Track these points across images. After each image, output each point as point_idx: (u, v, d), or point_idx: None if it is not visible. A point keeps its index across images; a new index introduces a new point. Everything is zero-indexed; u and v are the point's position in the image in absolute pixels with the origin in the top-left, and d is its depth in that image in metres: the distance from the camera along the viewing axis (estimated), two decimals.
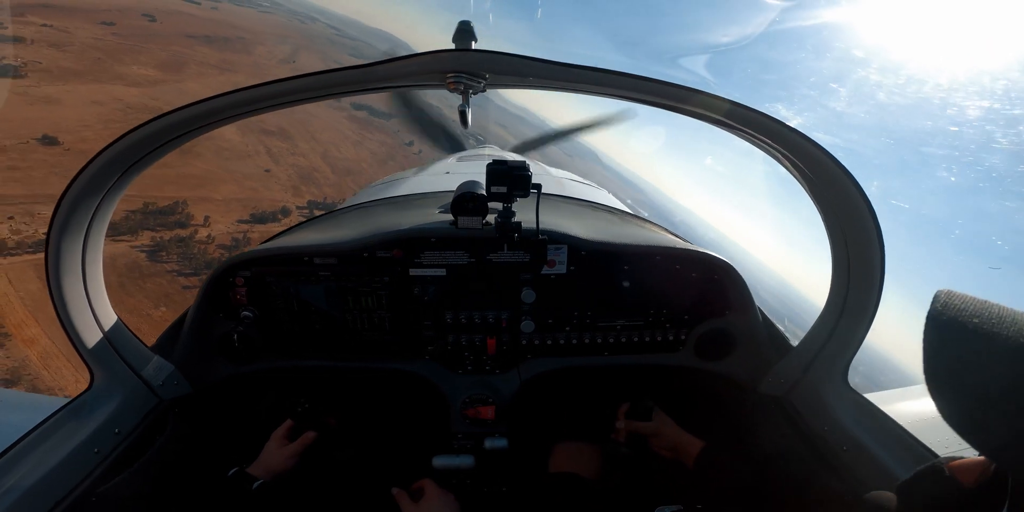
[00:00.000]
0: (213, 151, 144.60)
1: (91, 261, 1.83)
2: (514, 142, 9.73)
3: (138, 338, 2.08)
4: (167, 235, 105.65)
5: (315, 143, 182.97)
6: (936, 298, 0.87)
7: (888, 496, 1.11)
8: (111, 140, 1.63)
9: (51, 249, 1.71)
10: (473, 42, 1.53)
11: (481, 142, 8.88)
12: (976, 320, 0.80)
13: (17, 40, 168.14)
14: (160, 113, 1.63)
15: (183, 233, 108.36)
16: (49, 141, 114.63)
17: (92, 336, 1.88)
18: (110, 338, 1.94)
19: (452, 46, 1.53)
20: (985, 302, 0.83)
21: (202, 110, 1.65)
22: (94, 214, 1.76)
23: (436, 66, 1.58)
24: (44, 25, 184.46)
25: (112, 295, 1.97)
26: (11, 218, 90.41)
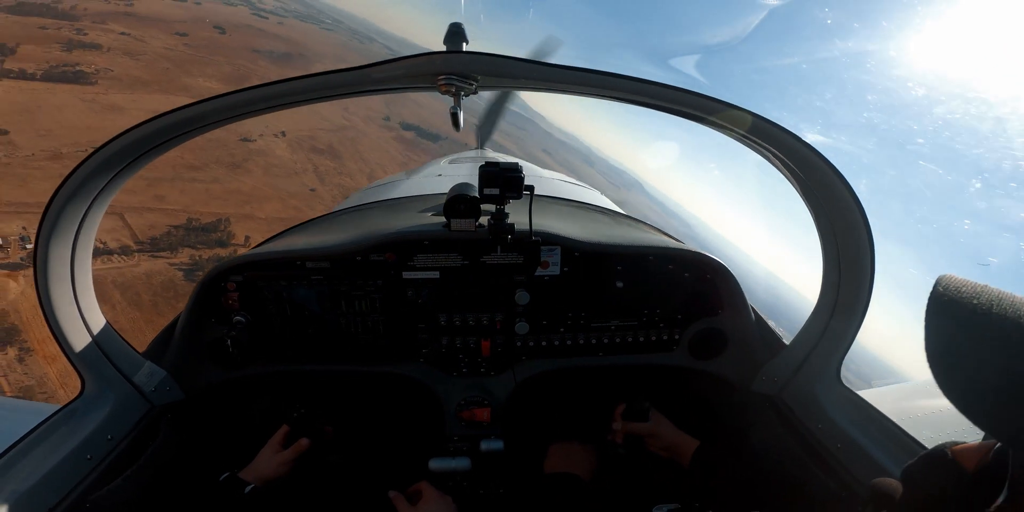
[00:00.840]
0: (263, 167, 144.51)
1: (80, 267, 1.83)
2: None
3: (129, 344, 2.07)
4: (207, 254, 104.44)
5: (362, 163, 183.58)
6: (938, 282, 0.89)
7: (893, 483, 1.08)
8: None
9: (39, 255, 1.70)
10: (464, 44, 1.53)
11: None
12: (976, 301, 0.82)
13: (94, 47, 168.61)
14: (148, 117, 1.62)
15: (222, 252, 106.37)
16: None
17: (82, 342, 1.88)
18: (101, 344, 1.93)
19: (443, 48, 1.53)
20: (984, 286, 0.85)
21: (192, 114, 1.66)
22: (82, 220, 1.76)
23: (427, 68, 1.58)
24: (122, 33, 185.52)
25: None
26: None
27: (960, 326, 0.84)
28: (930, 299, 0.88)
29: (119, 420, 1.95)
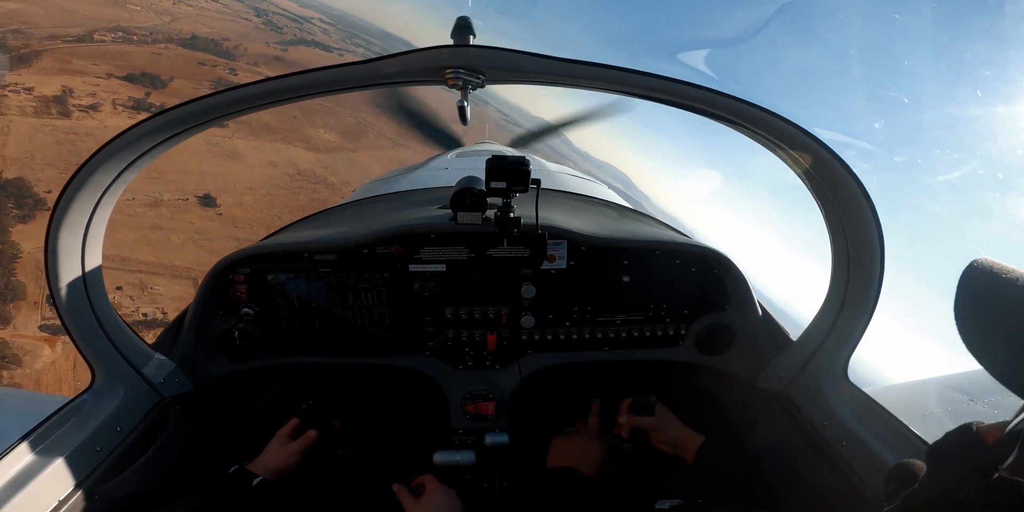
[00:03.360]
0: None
1: (91, 259, 1.84)
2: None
3: (139, 336, 2.09)
4: None
5: None
6: (973, 261, 0.97)
7: (916, 462, 1.14)
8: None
9: (50, 247, 1.71)
10: (471, 37, 1.52)
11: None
12: (1006, 275, 0.92)
13: None
14: (158, 110, 1.63)
15: None
16: (207, 201, 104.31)
17: (93, 334, 1.89)
18: (111, 336, 1.94)
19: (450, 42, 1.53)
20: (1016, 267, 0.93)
21: (200, 107, 1.65)
22: (93, 212, 1.76)
23: (434, 62, 1.57)
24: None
25: None
26: (119, 288, 77.11)
27: (994, 291, 0.91)
28: (964, 271, 0.96)
29: (128, 412, 1.97)
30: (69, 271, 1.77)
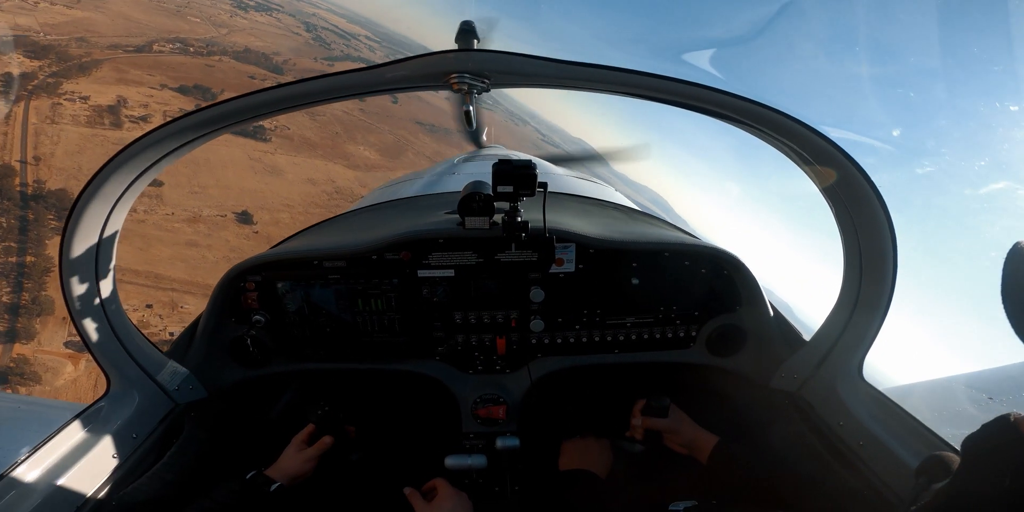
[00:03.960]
0: None
1: (104, 268, 1.86)
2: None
3: (153, 344, 2.11)
4: None
5: None
6: (1017, 244, 1.00)
7: (949, 455, 1.14)
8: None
9: (64, 256, 1.73)
10: (476, 42, 1.53)
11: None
12: None
13: None
14: (169, 119, 1.65)
15: None
16: (245, 218, 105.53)
17: (107, 342, 1.91)
18: (125, 344, 1.96)
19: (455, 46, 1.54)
20: None
21: (210, 115, 1.67)
22: (106, 220, 1.78)
23: (439, 67, 1.57)
24: None
25: None
26: (149, 307, 77.16)
27: None
28: (1011, 252, 0.98)
29: (143, 419, 1.99)
30: (83, 279, 1.79)
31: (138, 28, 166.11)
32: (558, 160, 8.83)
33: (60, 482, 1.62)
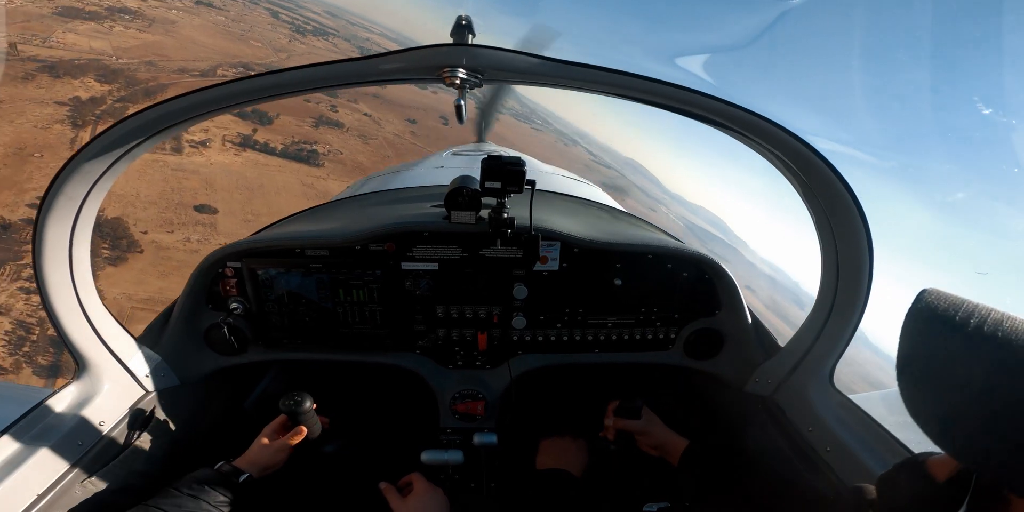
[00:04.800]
0: None
1: (78, 251, 1.82)
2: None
3: (125, 329, 2.07)
4: None
5: None
6: (920, 295, 0.88)
7: (872, 489, 1.14)
8: None
9: (38, 238, 1.69)
10: (471, 36, 1.52)
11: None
12: (958, 317, 0.81)
13: (337, 126, 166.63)
14: (150, 103, 1.61)
15: None
16: None
17: (78, 326, 1.87)
18: (96, 328, 1.92)
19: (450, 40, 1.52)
20: (968, 301, 0.83)
21: (194, 101, 1.64)
22: (82, 204, 1.74)
23: (433, 60, 1.57)
24: (365, 114, 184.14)
25: None
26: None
27: (941, 344, 0.82)
28: (910, 312, 0.87)
29: (112, 405, 1.95)
30: (56, 263, 1.76)
31: (204, 52, 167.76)
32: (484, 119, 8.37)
33: (22, 469, 1.58)
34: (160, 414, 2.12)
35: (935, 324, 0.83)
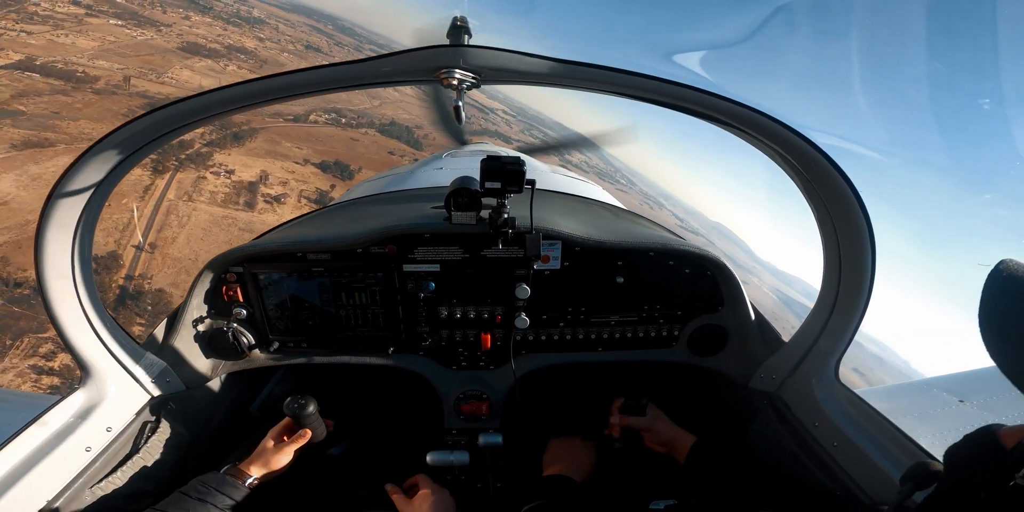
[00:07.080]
0: None
1: (81, 259, 1.81)
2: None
3: (130, 335, 2.07)
4: None
5: None
6: (999, 263, 0.98)
7: (934, 464, 1.18)
8: None
9: (40, 246, 1.69)
10: (467, 37, 1.52)
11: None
12: None
13: None
14: (148, 109, 1.60)
15: None
16: None
17: (83, 333, 1.87)
18: (101, 335, 1.93)
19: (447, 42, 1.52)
20: None
21: (192, 106, 1.63)
22: (83, 211, 1.74)
23: (430, 62, 1.56)
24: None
25: None
26: None
27: (1013, 298, 0.92)
28: (991, 275, 0.97)
29: (118, 411, 1.97)
30: (59, 271, 1.76)
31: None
32: (537, 150, 8.36)
33: (32, 475, 1.60)
34: (166, 419, 2.13)
35: (1011, 284, 0.93)
